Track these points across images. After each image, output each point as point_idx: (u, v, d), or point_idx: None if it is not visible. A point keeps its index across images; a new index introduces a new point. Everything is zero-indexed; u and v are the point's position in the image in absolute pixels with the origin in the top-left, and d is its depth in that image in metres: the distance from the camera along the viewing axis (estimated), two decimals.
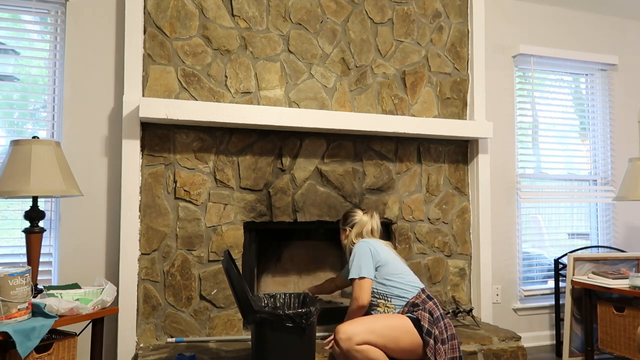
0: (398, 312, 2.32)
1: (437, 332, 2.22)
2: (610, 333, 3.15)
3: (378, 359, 2.15)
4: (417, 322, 2.23)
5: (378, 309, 2.37)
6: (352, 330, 2.14)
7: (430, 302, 2.32)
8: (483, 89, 3.38)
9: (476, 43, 3.38)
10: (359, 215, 2.61)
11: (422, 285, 2.40)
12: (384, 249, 2.44)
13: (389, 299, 2.35)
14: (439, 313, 2.30)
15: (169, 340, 2.66)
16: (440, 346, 2.21)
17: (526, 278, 3.73)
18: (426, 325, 2.22)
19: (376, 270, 2.38)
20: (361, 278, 2.33)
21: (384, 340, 2.16)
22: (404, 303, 2.32)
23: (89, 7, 2.77)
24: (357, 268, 2.35)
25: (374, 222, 2.59)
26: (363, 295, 2.32)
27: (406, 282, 2.37)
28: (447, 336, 2.27)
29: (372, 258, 2.37)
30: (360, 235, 2.55)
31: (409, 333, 2.20)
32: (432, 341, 2.20)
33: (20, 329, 1.81)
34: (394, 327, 2.20)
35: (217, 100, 2.83)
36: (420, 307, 2.28)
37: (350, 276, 2.36)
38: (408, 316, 2.26)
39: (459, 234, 3.31)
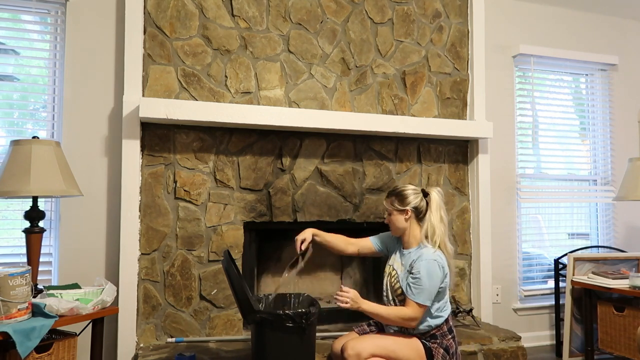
0: (415, 333, 2.16)
1: None
2: (610, 333, 3.15)
3: None
4: (428, 352, 2.11)
5: (395, 327, 2.20)
6: (360, 346, 2.04)
7: (449, 337, 2.16)
8: (483, 89, 3.38)
9: (476, 43, 3.38)
10: (415, 193, 2.19)
11: (449, 312, 2.19)
12: (449, 272, 2.16)
13: (418, 326, 2.16)
14: (454, 349, 2.15)
15: (169, 340, 2.66)
16: None
17: (526, 278, 3.73)
18: None
19: None
20: (424, 305, 2.07)
21: (392, 356, 2.05)
22: (425, 331, 2.14)
23: (89, 7, 2.78)
24: (426, 295, 2.05)
25: (443, 207, 2.21)
26: (418, 321, 2.09)
27: (440, 309, 2.15)
28: None
29: (440, 284, 2.10)
30: (440, 225, 2.16)
31: (420, 358, 2.09)
32: None
33: (20, 329, 1.81)
34: (406, 351, 2.08)
35: (217, 100, 2.83)
36: (438, 341, 2.13)
37: (413, 299, 2.06)
38: (422, 342, 2.12)
39: (459, 234, 3.31)
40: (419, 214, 2.19)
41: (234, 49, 2.88)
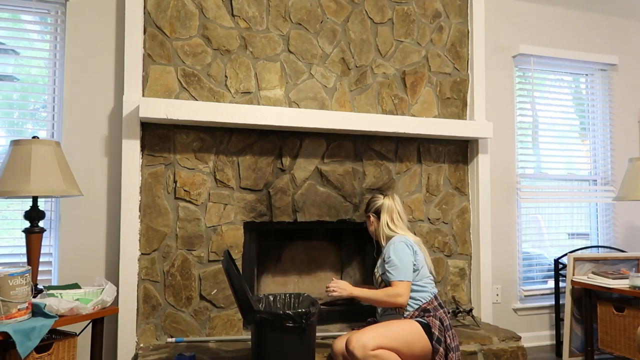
0: (407, 315, 2.31)
1: (448, 340, 2.23)
2: (610, 333, 3.15)
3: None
4: (427, 328, 2.23)
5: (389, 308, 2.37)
6: (364, 338, 2.10)
7: (441, 310, 2.32)
8: (483, 89, 3.38)
9: (476, 43, 3.38)
10: (380, 200, 2.55)
11: (436, 291, 2.40)
12: (421, 252, 2.41)
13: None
14: (448, 322, 2.30)
15: (169, 340, 2.66)
16: (452, 354, 2.22)
17: (526, 278, 3.73)
18: (437, 333, 2.22)
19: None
20: (404, 281, 2.29)
21: (397, 344, 2.15)
22: (416, 307, 2.32)
23: (89, 7, 2.78)
24: (402, 271, 2.30)
25: (398, 204, 2.54)
26: (406, 294, 2.28)
27: (425, 285, 2.35)
28: (454, 346, 2.27)
29: (412, 260, 2.34)
30: (392, 223, 2.49)
31: (421, 338, 2.20)
32: (442, 349, 2.21)
33: (20, 329, 1.81)
34: (406, 332, 2.19)
35: (217, 100, 2.83)
36: (432, 314, 2.28)
37: (393, 279, 2.29)
38: (418, 321, 2.25)
39: (459, 234, 3.31)
40: (379, 217, 2.54)
41: (234, 49, 2.88)
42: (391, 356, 2.12)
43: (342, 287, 2.31)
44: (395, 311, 2.36)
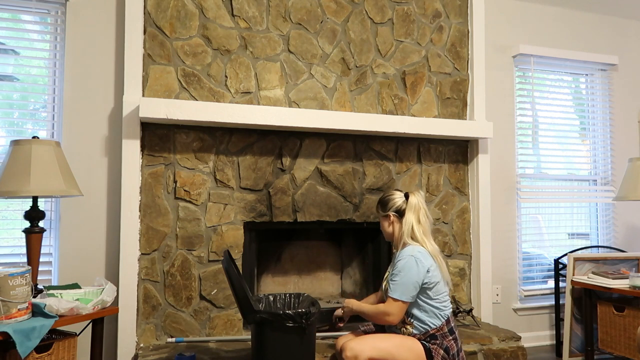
0: (414, 336, 2.15)
1: None
2: (610, 333, 3.15)
3: None
4: (428, 353, 2.09)
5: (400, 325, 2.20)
6: (358, 348, 2.03)
7: (450, 338, 2.14)
8: (483, 89, 3.38)
9: (476, 43, 3.38)
10: (399, 197, 2.28)
11: (449, 313, 2.19)
12: (435, 266, 2.17)
13: (412, 320, 2.17)
14: (455, 350, 2.13)
15: (169, 340, 2.66)
16: None
17: (526, 278, 3.73)
18: None
19: (420, 288, 2.13)
20: (399, 300, 2.10)
21: (389, 359, 2.05)
22: (424, 331, 2.14)
23: (89, 7, 2.78)
24: (401, 290, 2.09)
25: (423, 203, 2.26)
26: (398, 315, 2.10)
27: (437, 307, 2.15)
28: None
29: (421, 281, 2.11)
30: (418, 224, 2.22)
31: (419, 358, 2.08)
32: None
33: (20, 329, 1.81)
34: (405, 350, 2.06)
35: (217, 100, 2.83)
36: (438, 342, 2.12)
37: (389, 295, 2.11)
38: (422, 343, 2.11)
39: (459, 234, 3.31)
40: (401, 217, 2.26)
41: (234, 49, 2.88)
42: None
43: (347, 306, 2.31)
44: (401, 331, 2.20)
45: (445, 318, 2.16)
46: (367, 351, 2.03)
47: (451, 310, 2.22)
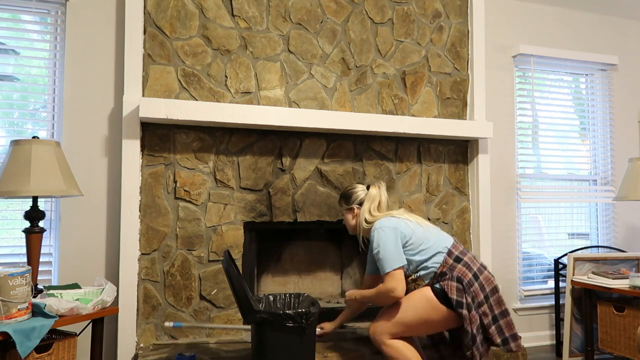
0: (426, 285, 2.18)
1: (469, 299, 2.07)
2: (610, 333, 3.15)
3: (405, 355, 2.12)
4: (442, 293, 2.11)
5: (408, 285, 2.23)
6: (379, 329, 2.14)
7: (460, 265, 2.14)
8: (483, 89, 3.38)
9: (476, 43, 3.38)
10: (361, 190, 2.41)
11: (449, 245, 2.20)
12: (405, 222, 2.22)
13: (417, 273, 2.20)
14: (470, 276, 2.12)
15: (167, 324, 2.57)
16: (475, 313, 2.08)
17: (526, 278, 3.73)
18: (454, 297, 2.07)
19: (405, 247, 2.19)
20: (393, 271, 2.13)
21: (411, 327, 2.11)
22: (432, 276, 2.16)
23: (89, 7, 2.78)
24: (389, 261, 2.13)
25: (383, 194, 2.38)
26: (399, 286, 2.11)
27: (430, 250, 2.18)
28: (487, 293, 2.13)
29: (399, 241, 2.16)
30: (376, 211, 2.33)
31: (437, 309, 2.10)
32: (465, 311, 2.06)
33: (20, 329, 1.81)
34: (419, 308, 2.11)
35: (217, 100, 2.83)
36: (447, 276, 2.12)
37: (384, 271, 2.13)
38: (434, 289, 2.13)
39: (459, 234, 3.30)
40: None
41: (234, 49, 2.88)
42: (404, 349, 2.11)
43: (350, 298, 2.34)
44: (413, 286, 2.23)
45: (445, 252, 2.18)
46: (388, 329, 2.13)
47: (451, 241, 2.23)
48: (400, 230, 2.19)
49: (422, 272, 2.19)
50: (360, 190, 2.42)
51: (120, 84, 2.79)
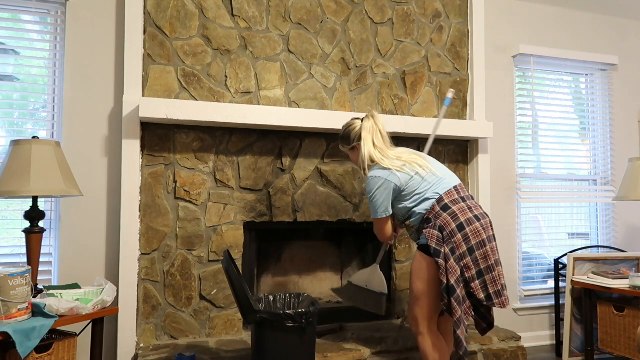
0: (415, 231, 2.21)
1: (447, 249, 2.01)
2: (610, 333, 3.15)
3: (432, 356, 2.10)
4: (425, 247, 2.09)
5: (407, 229, 2.33)
6: (411, 315, 2.17)
7: (445, 214, 2.07)
8: (483, 89, 3.39)
9: (476, 43, 3.38)
10: (359, 125, 2.30)
11: (442, 192, 2.14)
12: (401, 171, 2.17)
13: (409, 219, 2.22)
14: (454, 226, 2.04)
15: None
16: (454, 263, 2.00)
17: (526, 278, 3.73)
18: (433, 245, 2.02)
19: (399, 194, 2.19)
20: (376, 218, 2.22)
21: (429, 293, 2.09)
22: (420, 220, 2.15)
23: (89, 7, 2.78)
24: (373, 210, 2.21)
25: (379, 123, 2.27)
26: (380, 233, 2.29)
27: (421, 196, 2.15)
28: (472, 246, 2.04)
29: (387, 191, 2.16)
30: (381, 142, 2.25)
31: (431, 264, 2.06)
32: (441, 260, 2.00)
33: (20, 329, 1.81)
34: (421, 273, 2.09)
35: (217, 100, 2.83)
36: (431, 224, 2.08)
37: (371, 216, 2.26)
38: (421, 244, 2.11)
39: None
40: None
41: (234, 49, 2.88)
42: (431, 350, 2.10)
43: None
44: (411, 233, 2.30)
45: (436, 198, 2.12)
46: (415, 320, 2.15)
47: (447, 187, 2.15)
48: (392, 182, 2.16)
49: (412, 218, 2.20)
50: (356, 125, 2.31)
51: (120, 84, 2.79)
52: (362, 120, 2.30)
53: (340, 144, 2.41)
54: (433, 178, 2.17)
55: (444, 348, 2.13)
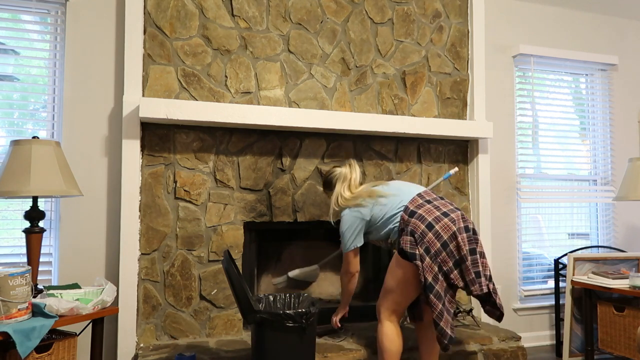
0: (392, 240, 2.32)
1: (421, 250, 2.12)
2: (610, 333, 3.15)
3: (384, 344, 2.25)
4: (401, 251, 2.20)
5: (392, 247, 2.40)
6: (379, 303, 2.31)
7: (413, 219, 2.19)
8: (483, 89, 3.39)
9: (476, 43, 3.38)
10: (339, 172, 2.49)
11: (405, 202, 2.27)
12: (366, 206, 2.33)
13: (390, 239, 2.33)
14: (423, 227, 2.15)
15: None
16: (430, 261, 2.11)
17: (526, 278, 3.73)
18: (408, 250, 2.14)
19: (370, 224, 2.35)
20: (347, 252, 2.39)
21: (398, 291, 2.23)
22: (396, 232, 2.28)
23: (89, 7, 2.78)
24: (344, 242, 2.38)
25: (354, 172, 2.47)
26: (352, 264, 2.40)
27: (390, 215, 2.29)
28: (445, 240, 2.14)
29: (358, 226, 2.35)
30: (346, 192, 2.42)
31: (405, 267, 2.18)
32: (418, 262, 2.11)
33: (20, 329, 1.81)
34: (395, 272, 2.23)
35: (217, 100, 2.83)
36: (404, 232, 2.20)
37: (346, 250, 2.39)
38: (400, 248, 2.21)
39: None
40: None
41: (234, 49, 2.88)
42: (385, 339, 2.24)
43: (338, 315, 2.59)
44: (394, 248, 2.37)
45: (402, 209, 2.27)
46: (381, 302, 2.30)
47: (409, 197, 2.29)
48: (362, 216, 2.35)
49: (391, 235, 2.32)
50: (332, 176, 2.52)
51: (120, 84, 2.79)
52: (342, 167, 2.52)
53: (323, 189, 2.61)
54: (395, 198, 2.33)
55: (397, 341, 2.25)
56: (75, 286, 2.22)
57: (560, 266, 3.52)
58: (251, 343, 2.20)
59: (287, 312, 2.03)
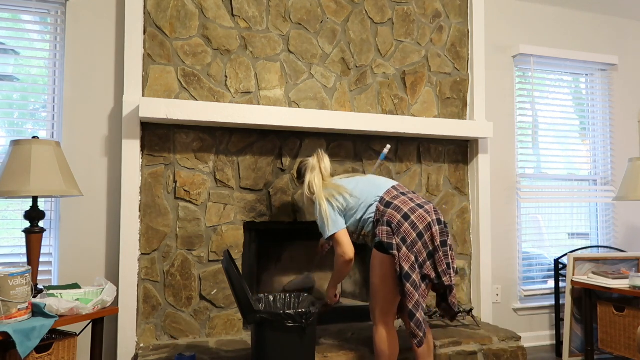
0: (369, 233, 2.30)
1: (398, 240, 2.11)
2: (610, 333, 3.15)
3: (381, 349, 2.23)
4: (379, 244, 2.20)
5: (358, 240, 2.38)
6: (371, 309, 2.26)
7: (389, 210, 2.20)
8: (483, 89, 3.39)
9: (476, 43, 3.38)
10: (306, 160, 2.48)
11: (381, 193, 2.27)
12: (341, 192, 2.32)
13: (364, 229, 2.32)
14: (399, 217, 2.16)
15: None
16: (407, 251, 2.11)
17: (526, 278, 3.73)
18: (385, 240, 2.14)
19: (345, 213, 2.31)
20: (335, 233, 2.28)
21: (385, 288, 2.19)
22: (372, 224, 2.26)
23: (89, 7, 2.78)
24: (327, 227, 2.28)
25: (322, 162, 2.43)
26: (346, 247, 2.27)
27: (365, 205, 2.28)
28: (420, 231, 2.14)
29: (334, 210, 2.30)
30: (316, 180, 2.39)
31: (384, 261, 2.17)
32: (395, 252, 2.11)
33: (20, 329, 1.81)
34: (377, 268, 2.21)
35: (217, 100, 2.83)
36: (380, 222, 2.20)
37: (329, 234, 2.28)
38: (376, 241, 2.21)
39: (459, 234, 3.31)
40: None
41: (234, 49, 2.88)
42: (382, 343, 2.22)
43: (328, 297, 2.47)
44: (367, 240, 2.36)
45: (378, 200, 2.26)
46: (372, 305, 2.27)
47: (385, 189, 2.29)
48: (337, 199, 2.31)
49: (365, 226, 2.31)
50: (307, 162, 2.49)
51: (120, 84, 2.79)
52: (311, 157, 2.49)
53: (297, 180, 2.59)
54: (368, 187, 2.33)
55: (394, 343, 2.24)
56: (75, 286, 2.22)
57: (560, 266, 3.52)
58: (251, 343, 2.20)
59: (287, 312, 2.03)
